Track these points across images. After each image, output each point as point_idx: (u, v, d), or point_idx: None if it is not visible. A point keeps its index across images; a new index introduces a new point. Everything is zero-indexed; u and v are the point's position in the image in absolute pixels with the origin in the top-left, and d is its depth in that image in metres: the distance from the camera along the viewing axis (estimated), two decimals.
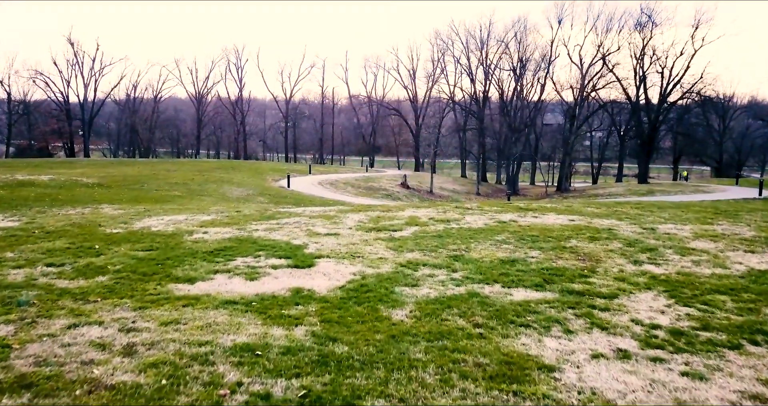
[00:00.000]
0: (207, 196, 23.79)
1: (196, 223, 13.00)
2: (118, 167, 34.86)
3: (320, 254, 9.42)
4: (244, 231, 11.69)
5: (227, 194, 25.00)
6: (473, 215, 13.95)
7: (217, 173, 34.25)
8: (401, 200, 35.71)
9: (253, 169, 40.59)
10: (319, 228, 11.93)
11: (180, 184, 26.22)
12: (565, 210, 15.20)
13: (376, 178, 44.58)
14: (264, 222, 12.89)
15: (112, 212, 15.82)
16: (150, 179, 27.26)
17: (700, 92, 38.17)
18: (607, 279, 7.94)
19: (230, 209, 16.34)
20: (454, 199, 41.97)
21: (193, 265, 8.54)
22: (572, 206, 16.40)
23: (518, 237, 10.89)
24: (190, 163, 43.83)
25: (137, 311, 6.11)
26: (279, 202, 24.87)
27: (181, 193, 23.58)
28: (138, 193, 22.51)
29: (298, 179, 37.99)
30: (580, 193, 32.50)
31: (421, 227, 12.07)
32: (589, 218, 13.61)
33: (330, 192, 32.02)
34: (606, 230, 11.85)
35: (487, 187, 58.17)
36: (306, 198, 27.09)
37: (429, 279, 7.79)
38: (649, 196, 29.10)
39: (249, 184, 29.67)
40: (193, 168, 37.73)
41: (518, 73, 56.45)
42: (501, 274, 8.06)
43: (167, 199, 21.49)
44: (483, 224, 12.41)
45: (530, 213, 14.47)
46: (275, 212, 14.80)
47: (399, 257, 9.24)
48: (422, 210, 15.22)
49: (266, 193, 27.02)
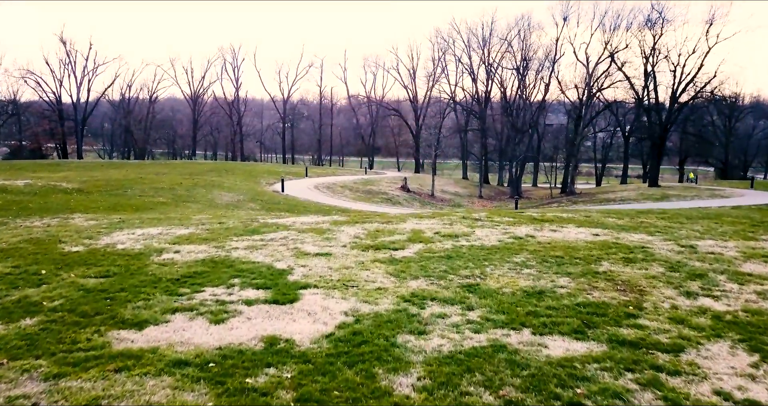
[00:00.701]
0: (194, 202, 22.23)
1: (170, 238, 11.44)
2: (105, 170, 33.30)
3: (307, 282, 7.86)
4: (221, 250, 10.13)
5: (216, 200, 23.44)
6: (484, 228, 12.40)
7: (209, 177, 32.67)
8: (401, 205, 34.15)
9: (247, 171, 39.03)
10: (309, 246, 10.36)
11: (166, 189, 24.65)
12: (585, 221, 13.66)
13: (375, 181, 43.02)
14: (246, 238, 11.33)
15: (83, 223, 14.27)
16: (135, 184, 25.69)
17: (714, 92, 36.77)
18: (660, 320, 6.39)
19: (213, 220, 14.79)
20: (457, 203, 40.42)
21: (149, 300, 6.98)
22: (591, 215, 14.86)
23: (540, 258, 9.34)
24: (183, 166, 42.26)
25: (49, 383, 4.54)
26: (271, 208, 23.32)
27: (165, 200, 22.02)
28: (119, 199, 20.94)
29: (293, 183, 36.43)
30: (590, 198, 30.95)
31: (426, 244, 10.52)
32: (615, 232, 12.06)
33: (326, 197, 30.45)
34: (639, 248, 10.30)
35: (490, 189, 56.62)
36: (300, 204, 25.54)
37: (440, 321, 6.23)
38: (665, 201, 27.57)
39: (241, 188, 28.10)
40: (184, 171, 36.16)
41: (522, 72, 54.88)
42: (528, 313, 6.50)
43: (149, 206, 19.92)
44: (497, 241, 10.85)
45: (547, 225, 12.93)
46: (261, 224, 13.24)
47: (401, 286, 7.69)
48: (426, 221, 13.67)
49: (258, 198, 25.46)
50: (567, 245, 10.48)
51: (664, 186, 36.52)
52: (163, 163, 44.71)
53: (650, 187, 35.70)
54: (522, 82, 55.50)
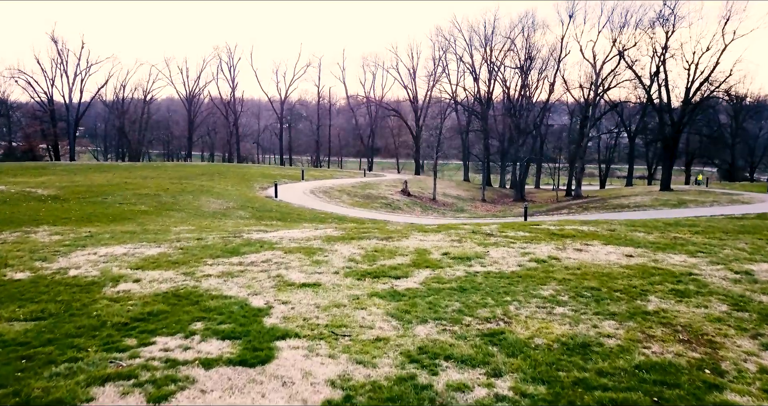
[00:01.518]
0: (178, 210, 20.60)
1: (135, 261, 9.83)
2: (90, 174, 31.67)
3: (286, 329, 6.26)
4: (190, 278, 8.53)
5: (203, 208, 21.82)
6: (498, 247, 10.79)
7: (199, 181, 31.04)
8: (401, 210, 32.55)
9: (240, 175, 37.38)
10: (294, 273, 8.75)
11: (150, 196, 23.03)
12: (612, 237, 12.06)
13: (374, 185, 41.39)
14: (224, 260, 9.72)
15: (45, 238, 12.65)
16: (118, 190, 24.07)
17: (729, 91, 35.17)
18: (753, 393, 4.78)
19: (193, 234, 13.18)
20: (459, 208, 38.83)
21: (78, 360, 5.36)
22: (616, 229, 13.26)
23: (572, 290, 7.73)
24: (174, 168, 40.62)
25: None
26: (262, 216, 21.70)
27: (148, 208, 20.39)
28: (95, 208, 19.32)
29: (288, 187, 34.81)
30: (602, 204, 29.33)
31: (434, 269, 8.91)
32: (651, 252, 10.47)
33: (322, 202, 28.83)
34: (685, 274, 8.71)
35: (492, 192, 55.02)
36: (294, 211, 23.92)
37: (459, 398, 4.62)
38: (683, 208, 25.96)
39: (231, 194, 26.47)
40: (174, 174, 34.53)
41: (525, 71, 53.27)
42: (576, 383, 4.89)
43: (128, 216, 18.30)
44: (516, 265, 9.24)
45: (569, 242, 11.33)
46: (244, 241, 11.62)
47: (405, 334, 6.09)
48: (431, 237, 12.08)
49: (249, 205, 23.85)
50: (600, 270, 8.87)
51: (677, 190, 34.93)
52: (154, 166, 43.10)
53: (662, 191, 34.11)
54: (525, 81, 53.92)
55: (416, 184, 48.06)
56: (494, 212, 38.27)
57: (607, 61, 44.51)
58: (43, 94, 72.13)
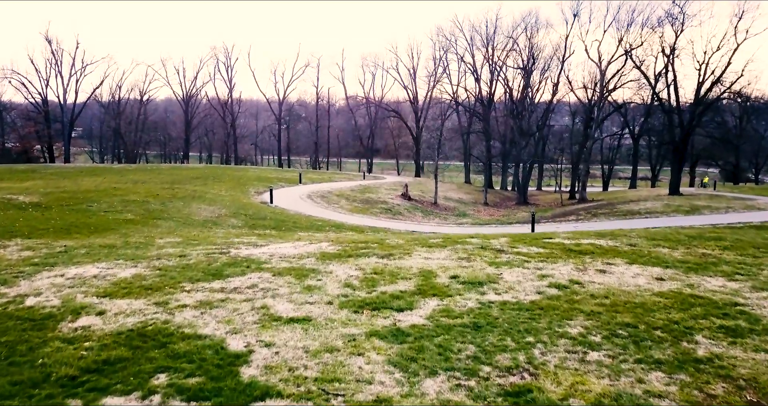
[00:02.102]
0: (166, 219, 19.50)
1: (105, 286, 8.74)
2: (79, 178, 30.54)
3: (267, 384, 5.17)
4: (163, 309, 7.43)
5: (193, 216, 20.70)
6: (512, 267, 9.70)
7: (192, 185, 29.94)
8: (402, 216, 31.43)
9: (235, 178, 36.28)
10: (282, 303, 7.65)
11: (139, 203, 21.92)
12: (635, 254, 10.97)
13: (373, 188, 40.30)
14: (204, 285, 8.62)
15: (13, 255, 11.55)
16: (105, 196, 22.97)
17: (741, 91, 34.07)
18: None
19: (176, 250, 12.08)
20: (461, 212, 37.72)
21: None
22: (637, 244, 12.17)
23: (605, 328, 6.64)
24: (168, 171, 39.52)
25: None
26: (255, 225, 20.59)
27: (134, 216, 19.29)
28: (78, 217, 18.21)
29: (285, 191, 33.72)
30: (611, 210, 28.18)
31: (442, 298, 7.81)
32: (682, 273, 9.38)
33: (320, 208, 27.72)
34: (730, 304, 7.61)
35: (494, 194, 53.92)
36: (289, 218, 22.81)
37: None
38: (696, 214, 24.85)
39: (224, 200, 25.35)
40: (167, 178, 33.43)
41: (528, 72, 52.16)
42: None
43: (111, 226, 17.19)
44: (535, 292, 8.15)
45: (589, 261, 10.24)
46: (230, 259, 10.52)
47: (412, 393, 5.00)
48: (436, 253, 10.99)
49: (242, 212, 22.73)
50: (631, 300, 7.77)
51: (686, 194, 33.84)
52: (148, 169, 41.98)
53: (672, 196, 33.02)
54: (528, 82, 52.83)
55: (417, 187, 46.98)
56: (498, 216, 37.19)
57: (612, 61, 43.49)
58: (38, 95, 71.02)
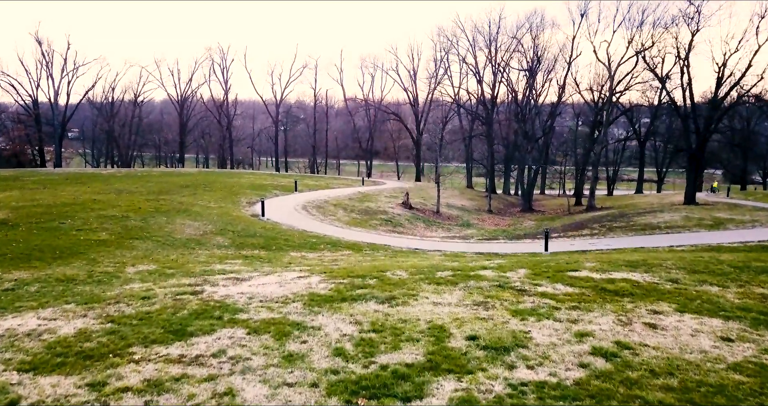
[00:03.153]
0: (145, 238, 17.71)
1: (36, 351, 7.00)
2: (59, 188, 28.70)
3: None
4: (96, 396, 5.67)
5: (175, 234, 18.91)
6: (539, 317, 7.99)
7: (179, 195, 28.16)
8: (403, 228, 29.66)
9: (227, 187, 34.49)
10: (253, 385, 5.91)
11: (117, 218, 20.15)
12: (681, 295, 9.25)
13: (372, 196, 38.54)
14: (160, 350, 6.87)
15: None
16: (81, 210, 21.20)
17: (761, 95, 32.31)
18: None
19: (143, 286, 10.33)
20: (465, 222, 35.95)
21: None
22: (679, 280, 10.45)
23: None
24: (158, 178, 37.73)
25: None
26: (243, 244, 18.82)
27: (109, 236, 17.52)
28: (45, 238, 16.44)
29: (279, 200, 31.97)
30: (627, 223, 26.32)
31: (460, 377, 6.08)
32: (751, 329, 7.67)
33: (315, 221, 25.95)
34: None
35: (498, 200, 52.18)
36: (281, 235, 21.03)
37: None
38: (721, 230, 23.06)
39: (212, 214, 23.57)
40: (154, 187, 31.63)
41: (533, 74, 50.42)
42: None
43: (80, 249, 15.42)
44: (578, 365, 6.41)
45: (629, 306, 8.53)
46: (199, 307, 8.77)
47: None
48: (446, 296, 9.27)
49: (230, 228, 20.94)
50: (705, 379, 6.03)
51: (702, 203, 32.11)
52: (138, 175, 40.19)
53: (688, 205, 31.29)
54: (533, 84, 51.11)
55: (417, 193, 45.25)
56: (504, 226, 35.45)
57: (622, 63, 41.75)
58: (28, 97, 69.30)
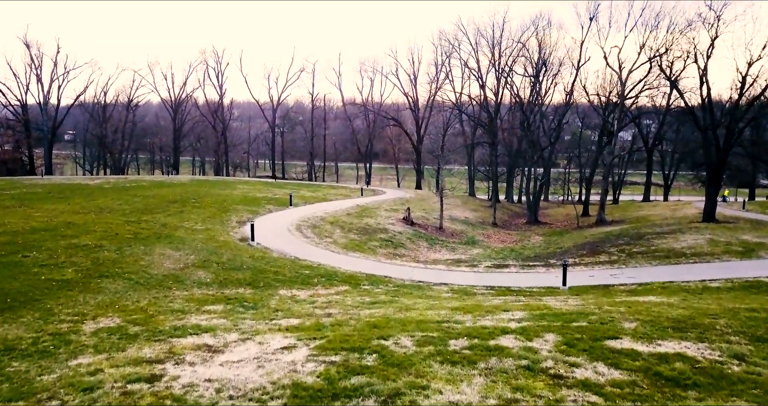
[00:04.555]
0: (116, 276, 15.77)
1: None
2: (35, 207, 26.68)
3: None
4: None
5: (152, 268, 16.95)
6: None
7: (165, 214, 26.24)
8: (405, 249, 27.74)
9: (218, 202, 32.55)
10: None
11: (90, 248, 18.22)
12: (757, 386, 7.33)
13: (372, 209, 36.64)
14: None
15: None
16: (52, 237, 19.27)
17: None
18: None
19: (93, 361, 8.43)
20: (470, 238, 34.04)
21: None
22: (746, 356, 8.54)
23: None
24: (147, 190, 35.80)
25: None
26: (228, 279, 16.89)
27: (76, 273, 15.57)
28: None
29: (272, 218, 30.05)
30: (648, 247, 24.28)
31: None
32: None
33: (310, 245, 24.02)
34: None
35: (502, 211, 50.28)
36: (271, 266, 19.08)
37: None
38: (754, 258, 21.08)
39: (197, 239, 21.64)
40: (140, 203, 29.69)
41: (539, 80, 48.55)
42: None
43: (37, 294, 13.49)
44: None
45: (696, 402, 6.63)
46: (154, 402, 6.84)
47: None
48: (465, 385, 7.35)
49: (215, 259, 18.97)
50: None
51: (723, 221, 30.21)
52: (125, 187, 38.24)
53: (708, 222, 29.41)
54: (538, 90, 49.23)
55: (418, 204, 43.38)
56: (510, 243, 33.55)
57: (634, 70, 39.87)
58: (17, 102, 67.40)
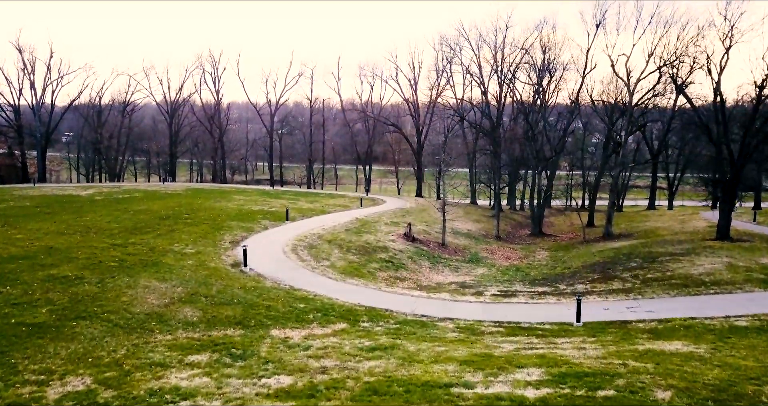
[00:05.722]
0: (94, 317, 14.49)
1: None
2: (16, 226, 25.34)
3: None
4: None
5: (134, 306, 15.66)
6: None
7: (154, 235, 24.99)
8: (406, 270, 26.46)
9: (212, 217, 31.28)
10: None
11: (69, 281, 16.94)
12: None
13: (371, 223, 35.38)
14: None
15: None
16: (29, 267, 17.99)
17: None
18: None
19: None
20: (474, 255, 32.76)
21: None
22: None
23: None
24: (138, 203, 34.57)
25: None
26: (216, 318, 15.61)
27: (49, 315, 14.30)
28: None
29: (268, 236, 28.80)
30: (662, 272, 22.94)
31: None
32: None
33: (306, 270, 22.73)
34: None
35: (505, 221, 49.05)
36: (264, 299, 17.79)
37: None
38: None
39: (186, 266, 20.35)
40: (129, 221, 28.42)
41: (543, 88, 47.32)
42: None
43: (2, 343, 12.21)
44: None
45: None
46: None
47: None
48: None
49: (203, 292, 17.68)
50: None
51: (737, 239, 28.94)
52: (118, 199, 36.98)
53: (721, 241, 28.20)
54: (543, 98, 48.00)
55: (419, 216, 42.16)
56: (516, 261, 32.30)
57: (642, 78, 38.61)
58: (9, 108, 66.12)
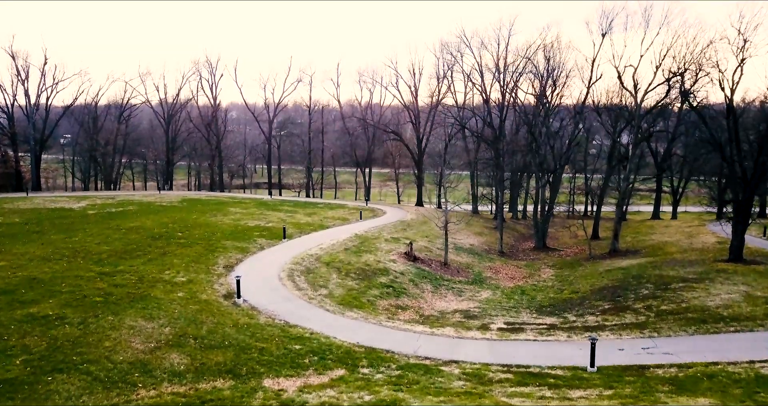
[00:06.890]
0: (71, 370, 13.42)
1: None
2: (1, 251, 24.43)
3: None
4: None
5: (117, 353, 14.60)
6: None
7: (144, 260, 23.95)
8: (407, 297, 25.40)
9: (207, 236, 30.24)
10: None
11: (49, 322, 15.88)
12: None
13: (371, 240, 34.34)
14: None
15: None
16: (7, 307, 16.93)
17: None
18: None
19: None
20: (477, 275, 31.70)
21: None
22: None
23: None
24: (132, 218, 33.52)
25: None
26: (204, 365, 14.54)
27: (23, 366, 13.23)
28: None
29: (263, 259, 27.75)
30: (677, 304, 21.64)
31: None
32: None
33: (302, 301, 21.64)
34: None
35: (508, 233, 48.01)
36: (256, 340, 16.71)
37: None
38: None
39: (177, 297, 19.28)
40: (119, 243, 27.37)
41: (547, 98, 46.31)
42: None
43: None
44: None
45: None
46: None
47: None
48: None
49: (193, 332, 16.59)
50: None
51: (750, 261, 27.95)
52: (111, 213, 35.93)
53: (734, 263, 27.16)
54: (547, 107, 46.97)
55: (420, 230, 41.15)
56: (521, 282, 31.27)
57: (650, 90, 37.63)
58: (3, 115, 65.07)
